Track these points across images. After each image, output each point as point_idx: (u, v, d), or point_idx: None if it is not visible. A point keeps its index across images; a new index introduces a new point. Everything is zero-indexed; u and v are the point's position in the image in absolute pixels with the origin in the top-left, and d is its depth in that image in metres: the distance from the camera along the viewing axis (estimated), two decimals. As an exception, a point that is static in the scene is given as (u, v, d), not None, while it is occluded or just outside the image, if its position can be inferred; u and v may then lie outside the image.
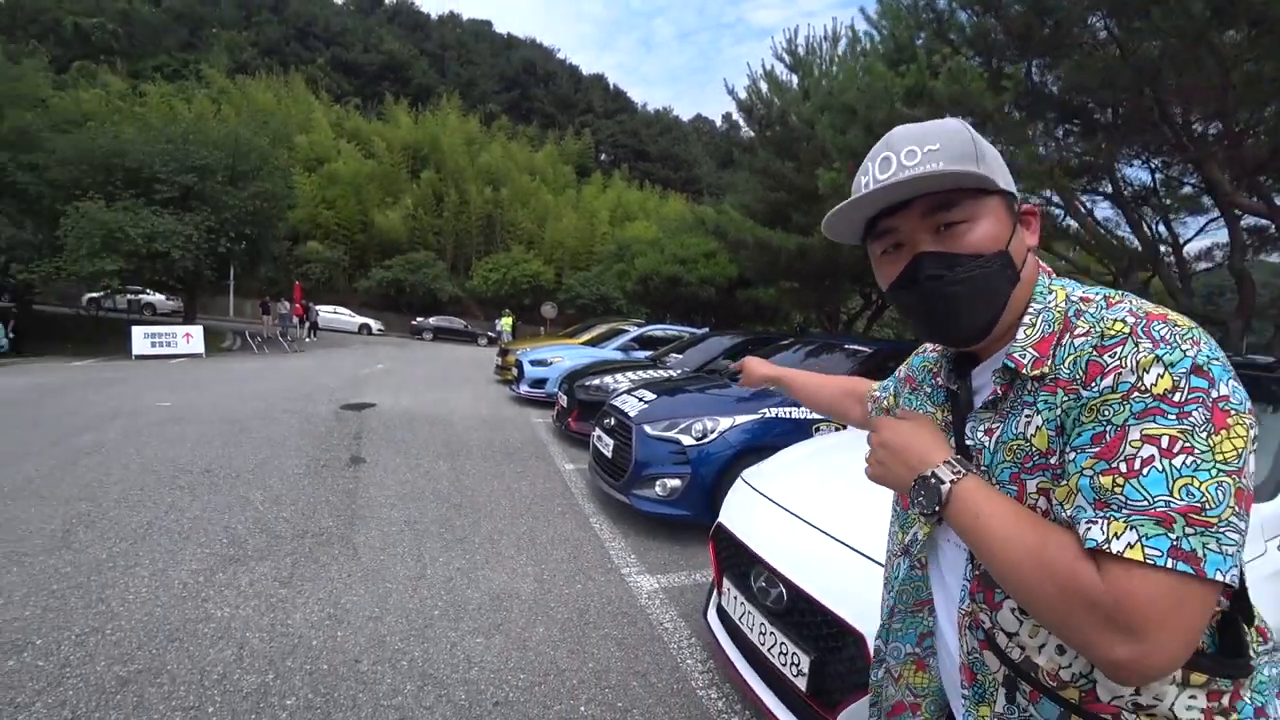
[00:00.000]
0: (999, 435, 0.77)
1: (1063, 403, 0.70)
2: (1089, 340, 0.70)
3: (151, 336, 15.28)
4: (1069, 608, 0.63)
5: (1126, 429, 0.64)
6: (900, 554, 0.98)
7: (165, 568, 3.27)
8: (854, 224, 0.85)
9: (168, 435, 6.17)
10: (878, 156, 0.79)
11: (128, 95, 31.03)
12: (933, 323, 0.81)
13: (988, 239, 0.76)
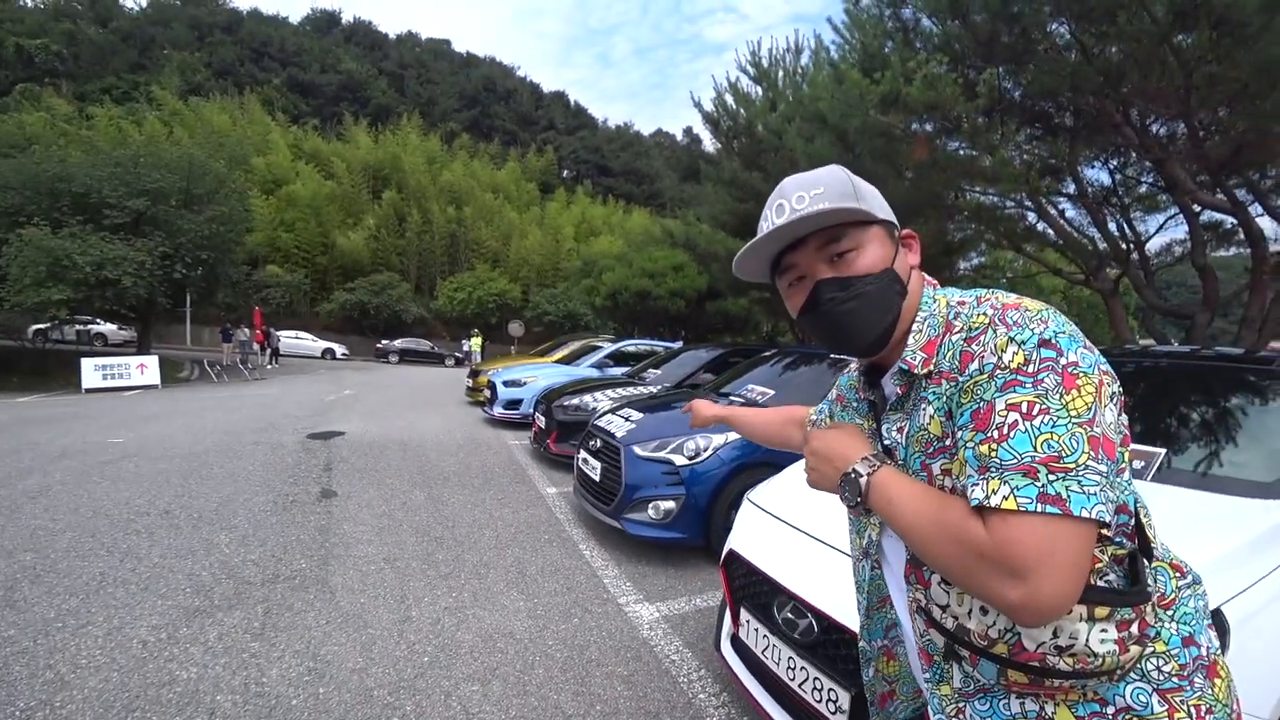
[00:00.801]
0: (907, 430, 0.88)
1: (946, 391, 0.81)
2: (960, 335, 0.81)
3: (103, 368, 14.60)
4: (966, 562, 0.71)
5: (994, 402, 0.74)
6: (861, 556, 1.09)
7: (122, 625, 2.99)
8: (761, 264, 0.97)
9: (122, 475, 5.80)
10: (773, 204, 0.91)
11: (74, 118, 30.02)
12: (837, 338, 0.90)
13: (874, 261, 0.88)
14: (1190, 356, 3.05)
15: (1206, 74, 5.04)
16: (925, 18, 6.58)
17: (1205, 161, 5.95)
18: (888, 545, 1.00)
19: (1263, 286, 6.21)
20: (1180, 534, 1.76)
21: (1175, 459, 2.22)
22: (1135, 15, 4.92)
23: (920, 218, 8.41)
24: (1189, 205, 6.67)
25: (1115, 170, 8.31)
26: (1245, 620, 1.42)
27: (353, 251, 34.99)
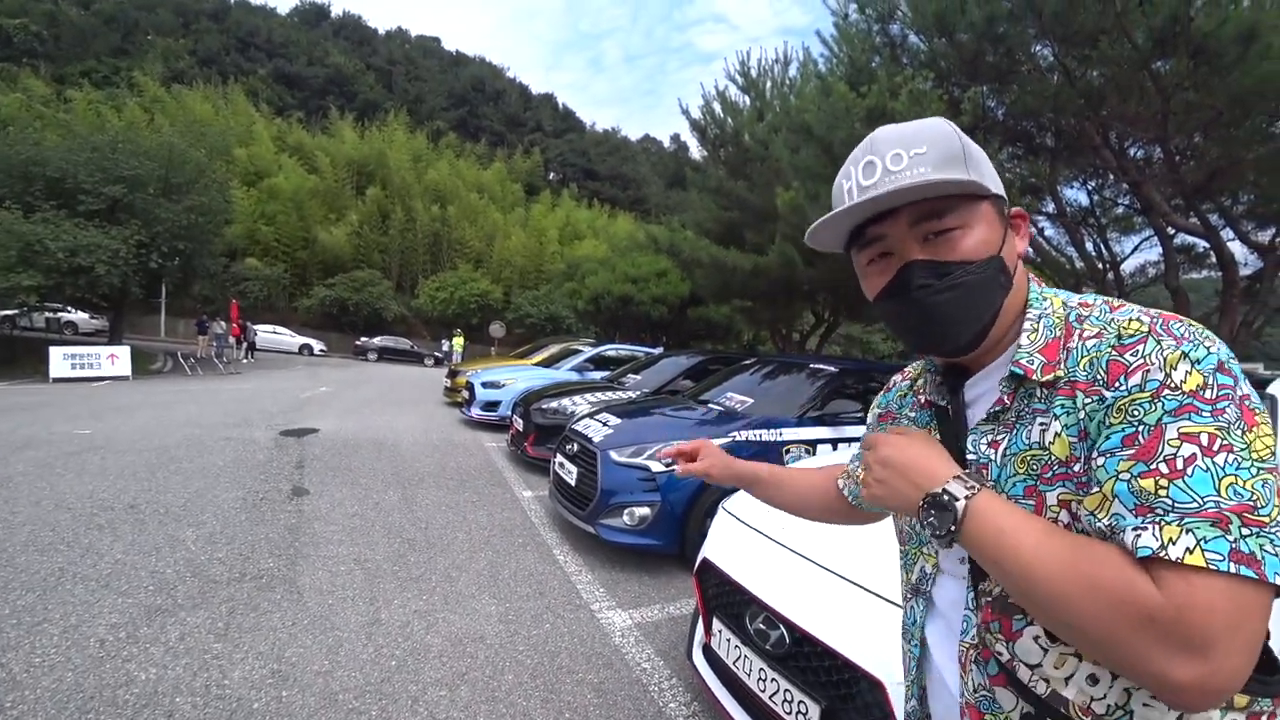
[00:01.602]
0: (1006, 447, 0.72)
1: (1084, 406, 0.66)
2: (1104, 341, 0.67)
3: (72, 358, 14.25)
4: (1121, 625, 0.56)
5: (1163, 428, 0.59)
6: (913, 595, 0.89)
7: (79, 623, 2.90)
8: (839, 234, 0.81)
9: (86, 467, 5.65)
10: (860, 161, 0.75)
11: (51, 101, 29.36)
12: (924, 331, 0.76)
13: (979, 245, 0.73)
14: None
15: (1183, 100, 5.16)
16: (912, 34, 6.67)
17: (1180, 185, 6.09)
18: (944, 583, 0.83)
19: (1233, 309, 6.36)
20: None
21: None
22: (1117, 41, 5.03)
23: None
24: (1163, 228, 6.81)
25: (1093, 191, 8.48)
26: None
27: (334, 247, 34.59)
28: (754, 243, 12.87)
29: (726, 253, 12.85)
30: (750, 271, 12.34)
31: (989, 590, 0.72)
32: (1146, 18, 4.93)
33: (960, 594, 0.78)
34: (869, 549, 1.99)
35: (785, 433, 4.63)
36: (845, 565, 1.89)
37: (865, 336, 28.60)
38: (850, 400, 5.23)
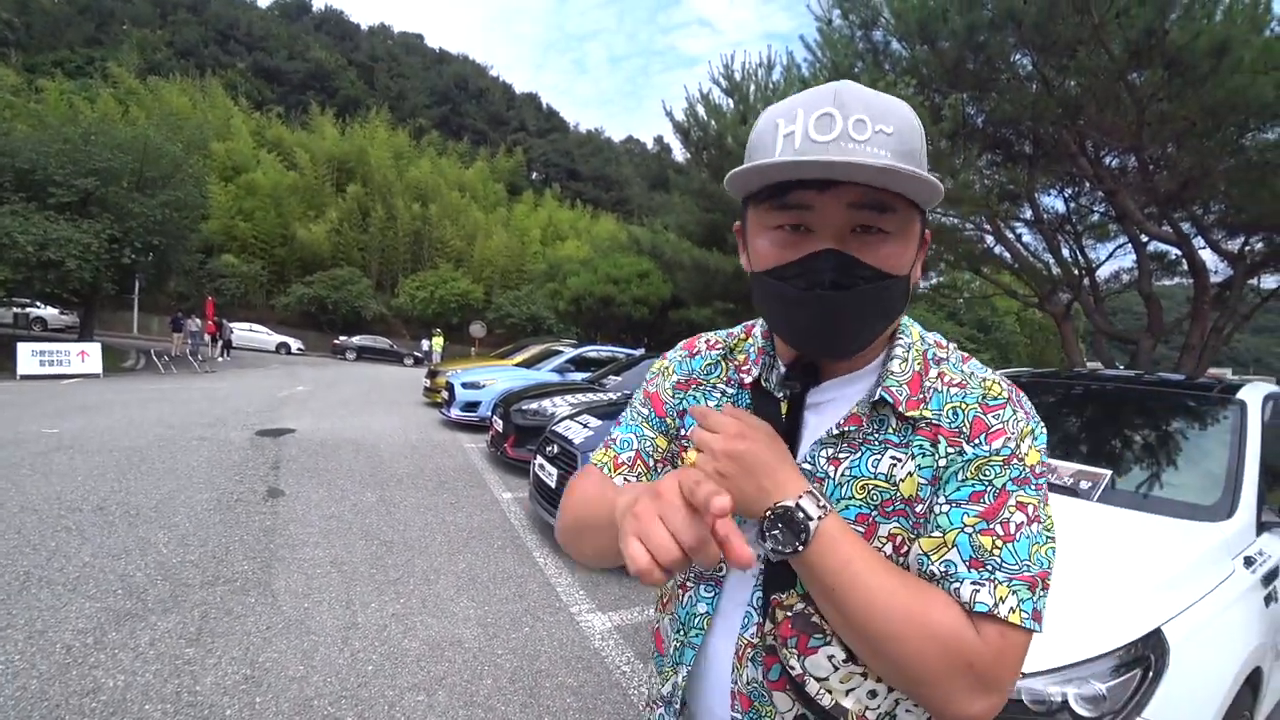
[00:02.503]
0: (847, 468, 0.70)
1: (946, 454, 0.67)
2: (969, 394, 0.70)
3: (40, 354, 13.88)
4: (944, 668, 0.60)
5: (1008, 493, 0.65)
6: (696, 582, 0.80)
7: (45, 628, 2.82)
8: (758, 180, 0.66)
9: (54, 467, 5.51)
10: (816, 109, 0.62)
11: (22, 90, 28.58)
12: (813, 330, 0.68)
13: (901, 258, 0.67)
14: (1135, 381, 3.16)
15: (1158, 111, 5.27)
16: (895, 41, 6.74)
17: (1154, 194, 6.22)
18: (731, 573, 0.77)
19: (1203, 315, 6.50)
20: (1125, 554, 1.81)
21: (1119, 481, 2.29)
22: (1094, 52, 5.13)
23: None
24: (1137, 235, 6.95)
25: (1070, 199, 8.63)
26: (1185, 639, 1.46)
27: (313, 244, 34.10)
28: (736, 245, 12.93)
29: (709, 255, 12.89)
30: (732, 274, 12.39)
31: (788, 605, 0.69)
32: (1123, 30, 5.03)
33: (747, 592, 0.74)
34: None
35: (767, 435, 4.64)
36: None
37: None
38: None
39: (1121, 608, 1.53)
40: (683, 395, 0.83)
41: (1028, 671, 1.39)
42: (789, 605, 0.70)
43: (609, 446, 0.83)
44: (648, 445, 0.82)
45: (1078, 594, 1.61)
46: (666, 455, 0.83)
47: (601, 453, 0.83)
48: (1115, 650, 1.40)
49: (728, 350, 0.84)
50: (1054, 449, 2.64)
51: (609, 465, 0.81)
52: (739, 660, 0.74)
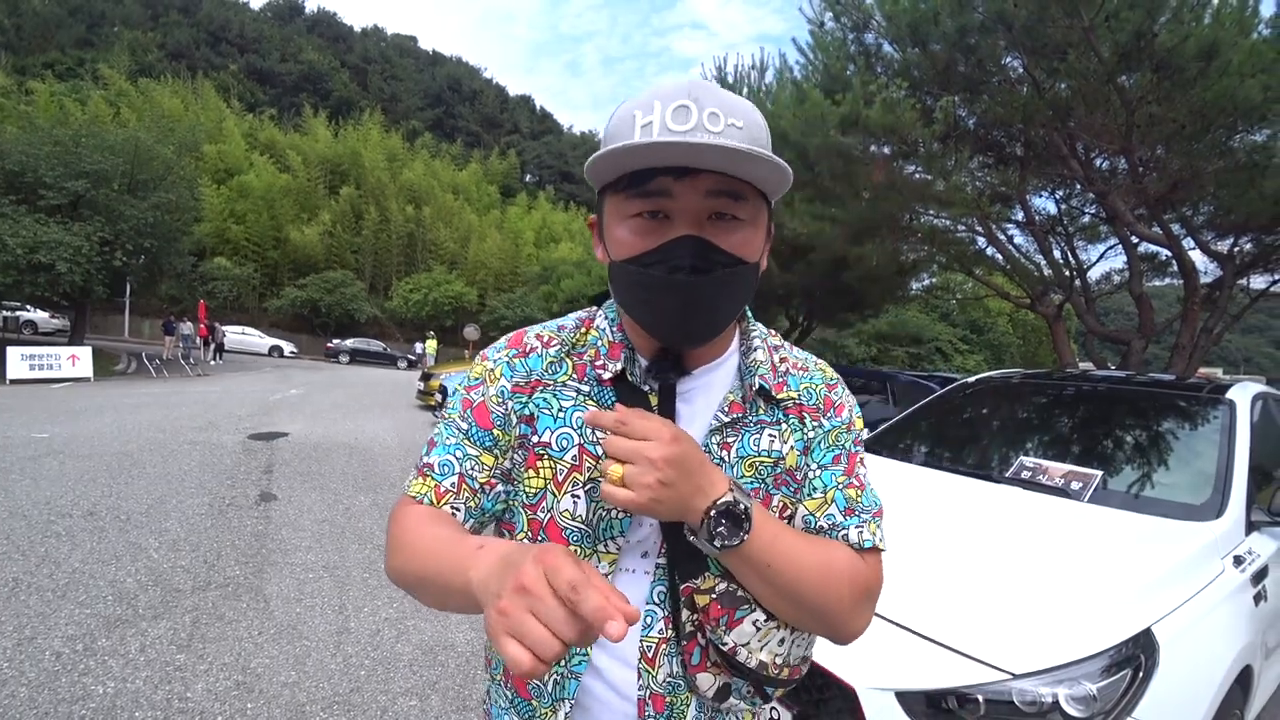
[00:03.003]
0: (736, 450, 0.76)
1: (812, 427, 0.80)
2: (814, 377, 0.83)
3: (30, 358, 13.81)
4: (855, 598, 0.72)
5: (855, 455, 0.81)
6: None
7: (34, 635, 2.80)
8: (615, 167, 0.67)
9: (43, 472, 5.47)
10: (672, 101, 0.65)
11: (12, 92, 28.46)
12: (676, 316, 0.69)
13: (753, 245, 0.71)
14: (1126, 381, 3.18)
15: (1147, 114, 5.30)
16: (887, 43, 6.75)
17: (1144, 196, 6.25)
18: (621, 579, 0.76)
19: (1193, 316, 6.54)
20: (1115, 554, 1.82)
21: (1110, 481, 2.30)
22: (1083, 54, 5.15)
23: (876, 237, 8.61)
24: (1128, 237, 6.99)
25: (1061, 200, 8.67)
26: (1174, 639, 1.47)
27: (306, 247, 33.98)
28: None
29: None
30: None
31: (709, 588, 0.71)
32: (1113, 33, 5.06)
33: (644, 592, 0.74)
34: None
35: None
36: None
37: (839, 341, 28.92)
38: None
39: (1111, 608, 1.53)
40: (525, 399, 0.77)
41: (1018, 672, 1.39)
42: (710, 588, 0.71)
43: (425, 474, 0.74)
44: (470, 466, 0.74)
45: (1068, 594, 1.62)
46: (495, 473, 0.76)
47: (419, 483, 0.74)
48: (1105, 650, 1.41)
49: (569, 346, 0.79)
50: (1045, 449, 2.66)
51: (430, 496, 0.73)
52: (649, 663, 0.73)
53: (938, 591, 1.71)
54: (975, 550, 1.93)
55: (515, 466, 0.76)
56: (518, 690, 0.77)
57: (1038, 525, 2.06)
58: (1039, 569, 1.76)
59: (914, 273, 12.07)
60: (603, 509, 0.72)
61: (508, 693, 0.79)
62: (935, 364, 32.63)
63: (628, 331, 0.79)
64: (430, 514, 0.71)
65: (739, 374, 0.79)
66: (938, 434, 3.28)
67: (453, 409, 0.79)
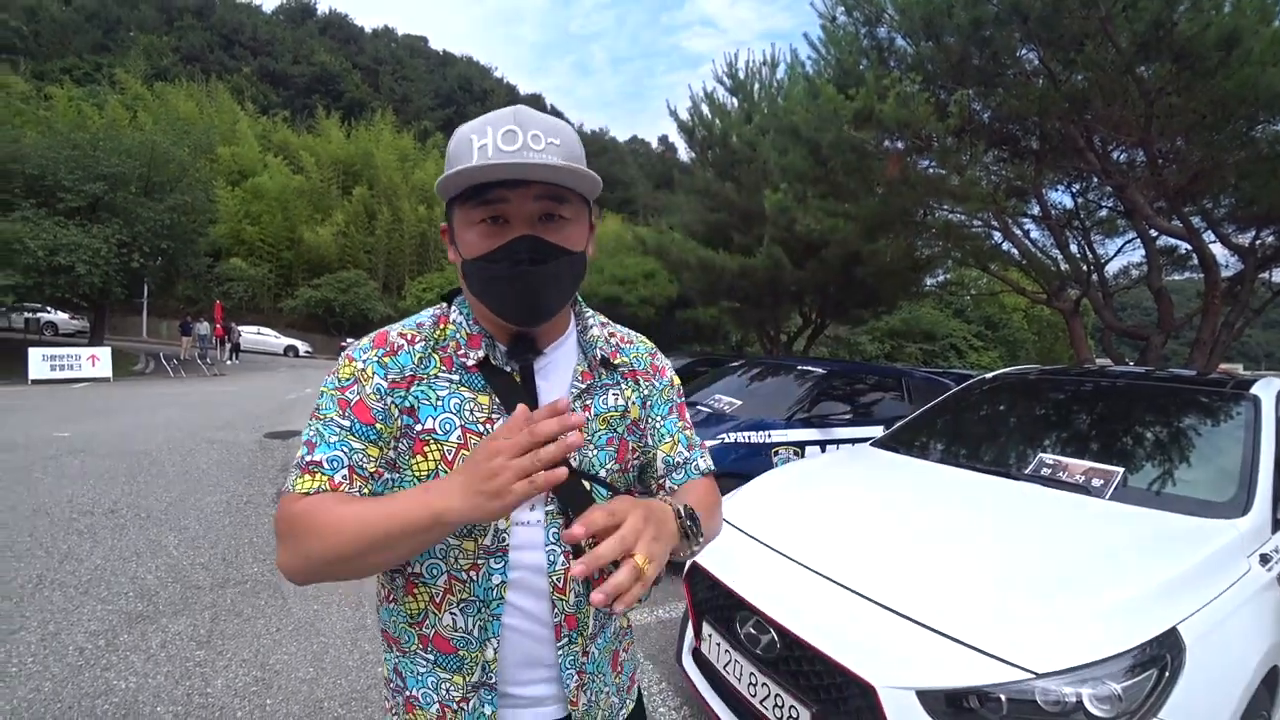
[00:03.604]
0: (593, 409, 0.93)
1: (644, 387, 1.01)
2: (639, 348, 1.04)
3: (51, 359, 14.01)
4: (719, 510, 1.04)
5: (683, 405, 1.08)
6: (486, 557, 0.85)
7: (58, 630, 2.84)
8: (459, 184, 0.81)
9: (65, 471, 5.55)
10: (501, 126, 0.79)
11: (31, 97, 28.78)
12: (522, 301, 0.83)
13: (577, 238, 0.86)
14: (1146, 377, 3.13)
15: (1166, 104, 5.19)
16: (900, 37, 6.68)
17: (1163, 189, 6.14)
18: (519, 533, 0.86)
19: (1214, 311, 6.42)
20: (1139, 552, 1.79)
21: (1131, 478, 2.26)
22: (1101, 45, 5.06)
23: (890, 233, 8.54)
24: (1146, 230, 6.87)
25: (1078, 194, 8.54)
26: (1201, 638, 1.45)
27: (320, 247, 34.18)
28: (741, 244, 12.89)
29: (714, 254, 12.86)
30: (738, 273, 12.35)
31: None
32: (1130, 23, 4.97)
33: (542, 537, 0.87)
34: (858, 552, 2.00)
35: (774, 434, 4.63)
36: (835, 569, 1.89)
37: (853, 338, 28.73)
38: (838, 402, 5.24)
39: (1136, 607, 1.51)
40: (404, 393, 0.85)
41: (1041, 671, 1.38)
42: None
43: (313, 472, 0.79)
44: (359, 458, 0.81)
45: (1091, 593, 1.59)
46: (382, 463, 0.83)
47: (307, 480, 0.78)
48: (1130, 650, 1.39)
49: (433, 342, 0.90)
50: (1064, 446, 2.62)
51: (325, 489, 0.78)
52: (560, 593, 0.87)
53: (958, 589, 1.70)
54: (996, 547, 1.91)
55: (400, 455, 0.84)
56: (440, 649, 0.86)
57: (1058, 522, 2.03)
58: (1061, 567, 1.74)
59: (928, 269, 11.94)
60: None
61: (428, 656, 0.87)
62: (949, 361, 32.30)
63: (482, 322, 0.90)
64: (341, 497, 0.78)
65: (580, 349, 0.96)
66: (954, 431, 3.25)
67: (328, 409, 0.84)
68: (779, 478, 2.88)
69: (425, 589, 0.85)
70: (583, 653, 0.91)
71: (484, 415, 0.85)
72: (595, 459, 0.91)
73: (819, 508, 2.47)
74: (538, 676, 0.89)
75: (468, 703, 0.86)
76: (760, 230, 11.73)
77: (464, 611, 0.85)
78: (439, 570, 0.85)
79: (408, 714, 0.89)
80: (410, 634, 0.88)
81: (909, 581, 1.77)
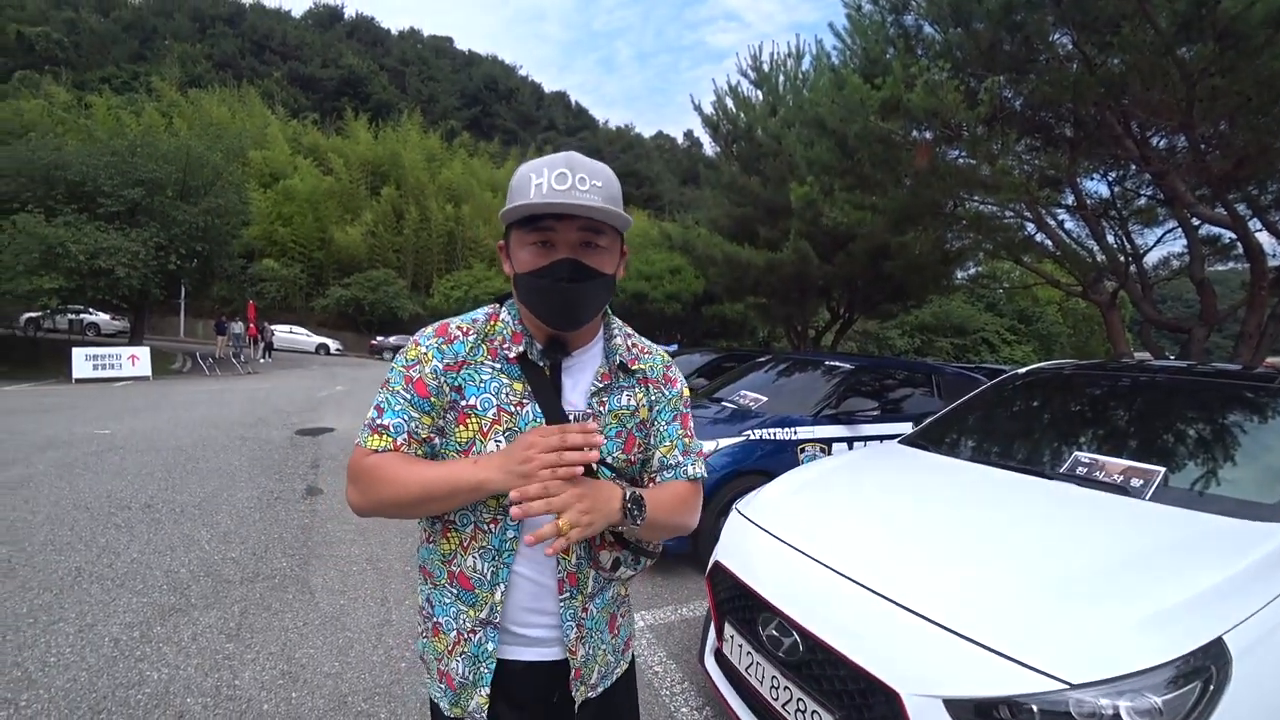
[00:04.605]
0: (608, 406, 1.10)
1: (654, 394, 1.16)
2: (656, 359, 1.19)
3: (94, 358, 14.47)
4: (693, 512, 1.17)
5: (688, 415, 1.20)
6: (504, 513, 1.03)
7: (95, 622, 2.92)
8: (519, 214, 0.98)
9: (105, 466, 5.71)
10: (555, 168, 0.97)
11: (72, 107, 29.72)
12: (564, 311, 1.02)
13: (610, 264, 1.03)
14: (1188, 372, 3.01)
15: (1209, 87, 4.99)
16: (927, 24, 6.53)
17: (1206, 175, 5.91)
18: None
19: (1260, 302, 6.17)
20: (1181, 556, 1.71)
21: (1173, 478, 2.17)
22: (1139, 26, 4.88)
23: (919, 225, 8.36)
24: (1188, 219, 6.63)
25: (1115, 182, 8.28)
26: (1249, 649, 1.36)
27: (349, 247, 34.75)
28: (767, 238, 12.77)
29: (740, 249, 12.76)
30: (764, 267, 12.24)
31: None
32: (1170, 2, 4.79)
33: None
34: (884, 554, 1.94)
35: (800, 431, 4.56)
36: (860, 571, 1.83)
37: (882, 333, 28.31)
38: (866, 398, 5.14)
39: (1178, 615, 1.43)
40: (455, 375, 1.05)
41: (1076, 682, 1.32)
42: None
43: (381, 433, 1.02)
44: (414, 425, 1.03)
45: (1130, 599, 1.52)
46: (433, 429, 1.04)
47: (376, 438, 1.01)
48: (1172, 661, 1.32)
49: (483, 335, 1.08)
50: (1101, 444, 2.53)
51: (388, 448, 1.01)
52: (565, 554, 1.04)
53: (988, 593, 1.63)
54: (1028, 550, 1.83)
55: (448, 424, 1.04)
56: (462, 585, 1.06)
57: (1095, 524, 1.95)
58: (1098, 571, 1.66)
59: (958, 261, 11.68)
60: None
61: (453, 589, 1.07)
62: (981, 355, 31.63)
63: (526, 324, 1.09)
64: (404, 456, 1.01)
65: (604, 355, 1.13)
66: (986, 427, 3.16)
67: (395, 383, 1.05)
68: (804, 475, 2.83)
69: (456, 534, 1.06)
70: (583, 609, 1.09)
71: (516, 399, 1.04)
72: (605, 447, 1.07)
73: (844, 507, 2.42)
74: (542, 622, 1.07)
75: (475, 634, 1.05)
76: (786, 224, 11.60)
77: (482, 556, 1.04)
78: (468, 520, 1.04)
79: (434, 637, 1.09)
80: (441, 570, 1.08)
81: (937, 585, 1.71)
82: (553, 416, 1.03)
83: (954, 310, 31.36)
